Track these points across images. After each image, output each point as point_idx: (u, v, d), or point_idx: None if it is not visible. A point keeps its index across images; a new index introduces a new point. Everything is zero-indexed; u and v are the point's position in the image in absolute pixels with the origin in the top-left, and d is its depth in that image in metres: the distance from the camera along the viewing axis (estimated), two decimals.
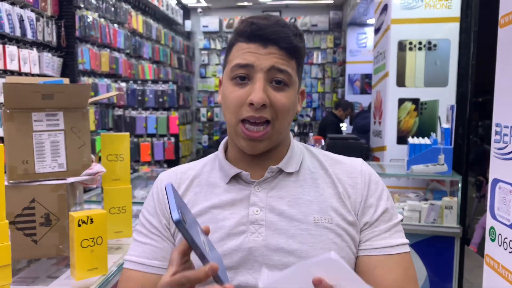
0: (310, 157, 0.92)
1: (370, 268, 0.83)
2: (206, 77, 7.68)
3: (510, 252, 1.26)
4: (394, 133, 3.20)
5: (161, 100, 3.95)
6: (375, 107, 3.71)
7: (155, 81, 4.11)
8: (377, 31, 3.71)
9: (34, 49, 2.84)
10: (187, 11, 7.57)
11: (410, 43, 3.09)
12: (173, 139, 4.00)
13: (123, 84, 3.99)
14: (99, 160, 1.31)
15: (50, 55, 2.96)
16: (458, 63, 3.04)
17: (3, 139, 1.06)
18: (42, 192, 1.07)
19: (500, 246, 1.32)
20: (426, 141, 2.75)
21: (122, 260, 1.13)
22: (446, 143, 2.62)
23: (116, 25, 4.25)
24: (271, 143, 0.84)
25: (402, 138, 3.16)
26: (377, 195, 0.87)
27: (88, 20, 3.55)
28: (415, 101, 3.13)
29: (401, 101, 3.16)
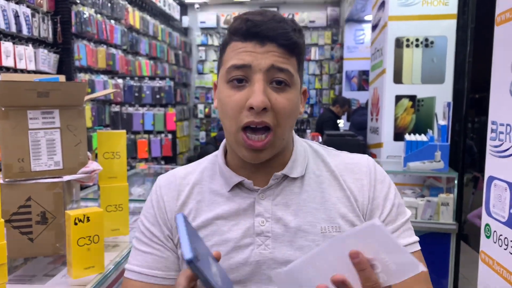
0: (314, 157, 0.87)
1: None
2: (203, 73, 7.66)
3: (505, 249, 1.26)
4: (391, 129, 3.21)
5: (158, 96, 3.94)
6: (372, 104, 3.72)
7: (152, 78, 4.10)
8: (374, 27, 3.71)
9: (30, 45, 2.82)
10: (184, 7, 7.53)
11: (407, 40, 3.08)
12: (170, 136, 3.99)
13: (120, 81, 3.98)
14: (96, 157, 1.31)
15: (46, 51, 2.94)
16: (454, 60, 3.04)
17: None
18: (38, 190, 1.06)
19: (495, 243, 1.33)
20: (422, 138, 2.76)
21: (119, 258, 1.13)
22: (442, 140, 2.63)
23: (112, 21, 4.23)
24: (273, 151, 0.79)
25: (399, 135, 3.17)
26: (383, 195, 0.83)
27: (85, 16, 3.53)
28: (412, 98, 3.13)
29: (398, 98, 3.17)
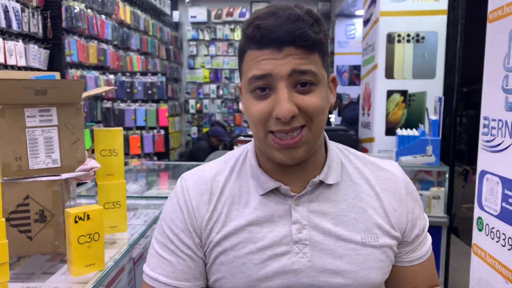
0: (348, 163, 0.85)
1: (406, 275, 0.87)
2: (194, 68, 7.62)
3: (497, 242, 1.30)
4: (382, 124, 3.24)
5: (150, 92, 3.93)
6: (363, 99, 3.74)
7: (144, 73, 4.08)
8: (366, 23, 3.73)
9: (20, 41, 2.79)
10: (175, 2, 7.48)
11: (399, 36, 3.11)
12: (162, 132, 3.98)
13: (112, 76, 3.95)
14: (92, 153, 1.31)
15: (36, 47, 2.91)
16: (445, 55, 3.08)
17: None
18: (36, 188, 1.06)
19: (487, 235, 1.36)
20: (414, 132, 2.79)
21: (118, 255, 1.14)
22: (434, 134, 2.66)
23: (103, 16, 4.19)
24: (309, 149, 0.75)
25: (390, 130, 3.20)
26: (418, 204, 0.87)
27: (75, 11, 3.50)
28: (403, 93, 3.17)
29: (390, 93, 3.19)
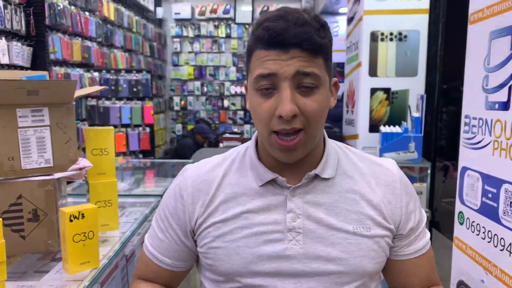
0: (345, 159, 0.89)
1: (401, 269, 0.90)
2: (178, 65, 7.58)
3: (477, 235, 1.35)
4: (366, 121, 3.30)
5: (135, 89, 3.90)
6: (347, 96, 3.80)
7: (129, 71, 4.06)
8: (349, 21, 3.78)
9: (3, 38, 2.75)
10: None
11: (382, 34, 3.17)
12: (148, 129, 3.97)
13: (96, 74, 3.92)
14: (83, 152, 1.32)
15: (19, 44, 2.87)
16: (427, 53, 3.15)
17: None
18: (29, 188, 1.07)
19: (468, 229, 1.42)
20: (397, 129, 2.86)
21: (112, 253, 1.15)
22: (416, 131, 2.73)
23: (87, 13, 4.14)
24: (306, 150, 0.81)
25: (374, 127, 3.26)
26: (414, 199, 0.89)
27: (58, 7, 3.45)
28: (386, 90, 3.23)
29: (373, 90, 3.25)
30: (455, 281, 1.51)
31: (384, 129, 2.86)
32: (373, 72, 3.22)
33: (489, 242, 1.28)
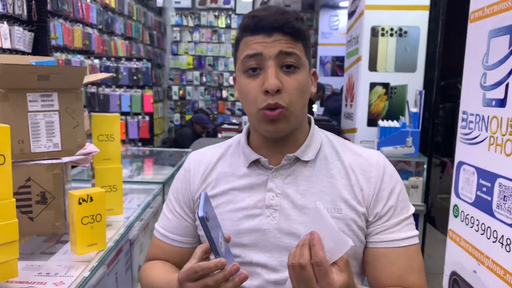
0: (328, 146, 0.95)
1: (374, 259, 0.88)
2: (178, 55, 7.56)
3: (471, 227, 1.40)
4: (365, 115, 3.33)
5: (135, 78, 3.91)
6: (347, 90, 3.83)
7: (129, 59, 4.06)
8: (350, 15, 3.80)
9: (5, 23, 2.74)
10: None
11: (383, 29, 3.19)
12: (147, 118, 3.99)
13: (96, 61, 3.91)
14: (88, 138, 1.34)
15: (21, 29, 2.87)
16: (426, 49, 3.18)
17: None
18: (37, 171, 1.09)
19: (462, 221, 1.46)
20: (395, 124, 2.90)
21: (118, 236, 1.19)
22: (414, 126, 2.77)
23: (88, 0, 4.13)
24: (289, 125, 0.87)
25: (372, 121, 3.30)
26: (389, 189, 0.90)
27: None
28: (385, 85, 3.26)
29: (373, 85, 3.29)
30: (448, 271, 1.56)
31: (382, 123, 2.90)
32: (372, 66, 3.25)
33: (482, 234, 1.32)
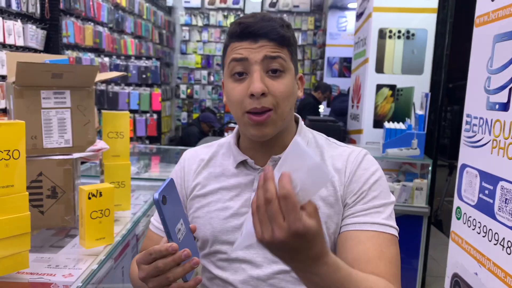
0: (314, 147, 0.97)
1: (342, 241, 0.87)
2: (186, 54, 7.62)
3: (473, 229, 1.41)
4: (371, 117, 3.35)
5: (144, 76, 3.96)
6: (353, 91, 3.84)
7: (139, 57, 4.10)
8: (358, 17, 3.81)
9: (19, 21, 2.79)
10: None
11: (390, 31, 3.20)
12: (155, 116, 4.03)
13: (107, 59, 3.96)
14: (98, 134, 1.37)
15: (34, 27, 2.92)
16: (433, 52, 3.18)
17: (13, 115, 1.11)
18: (49, 166, 1.12)
19: (464, 224, 1.47)
20: (401, 126, 2.90)
21: (125, 231, 1.22)
22: (419, 128, 2.78)
23: None
24: (276, 128, 0.89)
25: (378, 122, 3.31)
26: (362, 180, 0.90)
27: None
28: (392, 87, 3.27)
29: (379, 86, 3.30)
30: (450, 273, 1.57)
31: (388, 125, 2.91)
32: (379, 68, 3.26)
33: (483, 236, 1.34)
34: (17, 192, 0.87)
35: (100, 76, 1.27)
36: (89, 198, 1.04)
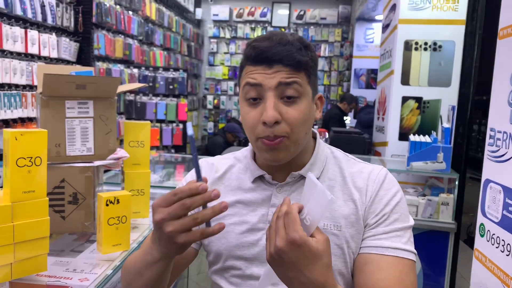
0: (333, 164, 0.96)
1: (362, 264, 0.86)
2: (214, 65, 7.74)
3: (497, 247, 1.36)
4: (396, 129, 3.29)
5: (171, 87, 4.05)
6: (379, 103, 3.80)
7: (166, 69, 4.21)
8: (384, 28, 3.78)
9: (54, 34, 2.93)
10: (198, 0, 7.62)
11: (416, 43, 3.16)
12: (181, 126, 4.11)
13: (136, 70, 4.09)
14: (121, 143, 1.41)
15: (67, 40, 3.05)
16: (461, 64, 3.11)
17: (39, 124, 1.16)
18: (71, 173, 1.15)
19: (488, 241, 1.43)
20: (426, 139, 2.84)
21: (141, 238, 1.24)
22: (445, 142, 2.71)
23: (130, 12, 4.33)
24: (290, 154, 0.87)
25: (403, 135, 3.26)
26: (384, 201, 0.89)
27: (105, 6, 3.63)
28: (418, 99, 3.21)
29: (405, 99, 3.25)
30: None
31: (413, 138, 2.86)
32: (405, 80, 3.22)
33: (507, 255, 1.29)
34: (38, 198, 0.90)
35: (122, 88, 1.31)
36: (107, 204, 1.07)
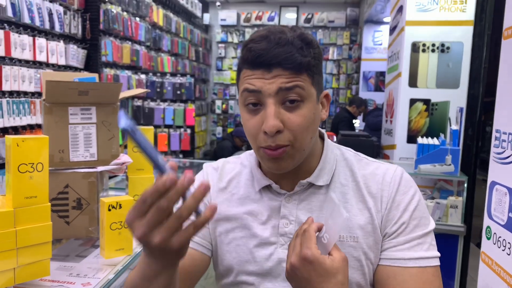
0: (343, 166, 0.90)
1: (384, 278, 0.82)
2: (222, 70, 7.78)
3: (503, 250, 1.34)
4: (404, 132, 3.27)
5: (179, 92, 4.08)
6: (387, 106, 3.77)
7: (174, 74, 4.24)
8: (392, 30, 3.76)
9: (61, 41, 2.97)
10: (206, 5, 7.66)
11: (424, 45, 3.14)
12: (189, 131, 4.13)
13: (143, 76, 4.12)
14: (125, 148, 1.42)
15: (75, 47, 3.09)
16: (470, 65, 3.08)
17: (43, 130, 1.18)
18: (75, 178, 1.16)
19: (494, 244, 1.41)
20: (434, 141, 2.81)
21: None
22: (454, 144, 2.68)
23: (137, 19, 4.37)
24: (294, 162, 0.82)
25: (412, 137, 3.23)
26: (402, 207, 0.84)
27: (112, 13, 3.68)
28: (426, 101, 3.19)
29: (413, 101, 3.22)
30: None
31: (420, 140, 2.83)
32: (413, 82, 3.19)
33: None
34: (40, 203, 0.91)
35: (124, 94, 1.33)
36: (109, 209, 1.07)
